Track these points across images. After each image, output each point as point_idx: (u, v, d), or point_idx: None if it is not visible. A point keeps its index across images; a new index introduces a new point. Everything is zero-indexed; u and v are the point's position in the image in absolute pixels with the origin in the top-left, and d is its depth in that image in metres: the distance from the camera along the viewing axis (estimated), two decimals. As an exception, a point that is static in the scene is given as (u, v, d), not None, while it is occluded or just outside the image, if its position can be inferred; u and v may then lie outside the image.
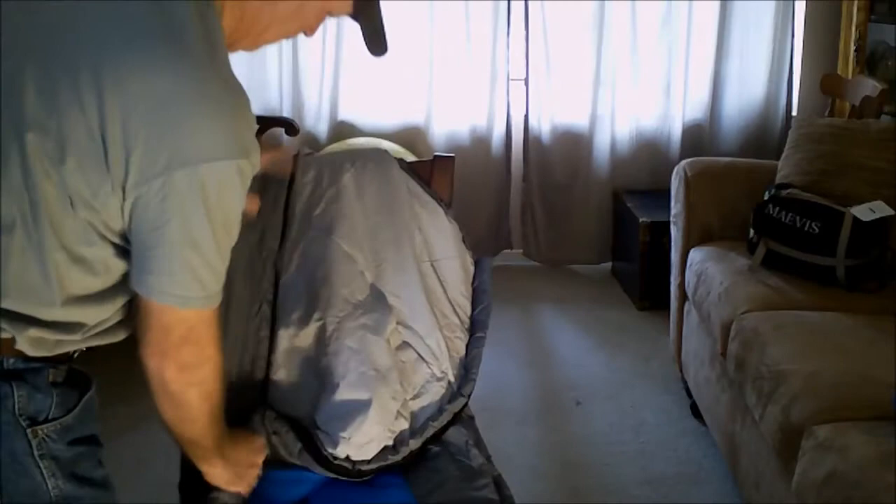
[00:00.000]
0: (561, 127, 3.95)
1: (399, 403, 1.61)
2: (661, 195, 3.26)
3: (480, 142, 3.91)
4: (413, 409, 1.65)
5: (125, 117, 1.03)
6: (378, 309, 1.71)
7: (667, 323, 3.01)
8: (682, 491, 2.44)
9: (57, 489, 1.16)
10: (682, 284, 2.79)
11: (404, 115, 3.90)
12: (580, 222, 4.02)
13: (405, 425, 1.61)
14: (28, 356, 1.13)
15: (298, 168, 1.88)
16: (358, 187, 1.85)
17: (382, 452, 1.55)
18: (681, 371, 2.86)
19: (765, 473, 2.03)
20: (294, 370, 1.64)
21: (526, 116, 3.93)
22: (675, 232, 2.88)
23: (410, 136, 3.88)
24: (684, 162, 2.92)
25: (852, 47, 3.58)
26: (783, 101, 3.97)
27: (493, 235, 4.03)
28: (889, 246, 2.49)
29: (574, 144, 3.96)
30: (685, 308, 2.81)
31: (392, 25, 1.27)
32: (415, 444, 1.58)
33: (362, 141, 3.69)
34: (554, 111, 3.92)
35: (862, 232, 2.39)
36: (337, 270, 1.73)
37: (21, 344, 1.12)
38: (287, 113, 3.85)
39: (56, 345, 1.15)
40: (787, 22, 3.87)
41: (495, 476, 1.57)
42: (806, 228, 2.44)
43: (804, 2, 3.91)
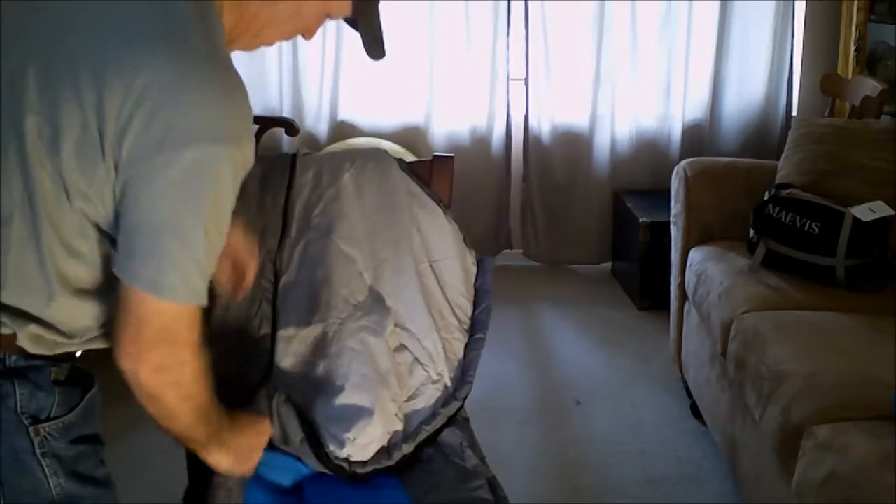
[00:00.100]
0: (561, 127, 3.95)
1: (397, 405, 1.61)
2: (661, 195, 3.26)
3: (480, 142, 3.92)
4: (407, 412, 1.65)
5: (122, 102, 1.03)
6: (377, 310, 1.71)
7: (667, 323, 3.01)
8: (682, 491, 2.44)
9: (59, 487, 1.16)
10: (682, 284, 2.79)
11: (404, 115, 3.90)
12: (580, 222, 4.02)
13: (400, 426, 1.61)
14: (30, 354, 1.13)
15: (298, 168, 1.88)
16: (357, 187, 1.84)
17: (377, 455, 1.55)
18: (681, 371, 2.86)
19: (765, 473, 2.03)
20: (295, 370, 1.64)
21: (526, 116, 3.93)
22: (675, 232, 2.88)
23: (410, 136, 3.88)
24: (684, 162, 2.92)
25: (852, 47, 3.58)
26: (783, 101, 3.97)
27: (493, 235, 4.03)
28: (889, 246, 2.49)
29: (574, 144, 3.97)
30: (685, 308, 2.81)
31: (392, 26, 1.27)
32: (408, 449, 1.58)
33: (362, 141, 3.69)
34: (554, 111, 3.92)
35: (862, 232, 2.39)
36: (336, 271, 1.73)
37: (22, 340, 1.11)
38: (287, 113, 3.85)
39: (57, 345, 1.15)
40: (787, 22, 3.87)
41: (490, 477, 1.57)
42: (806, 228, 2.44)
43: (804, 2, 3.91)
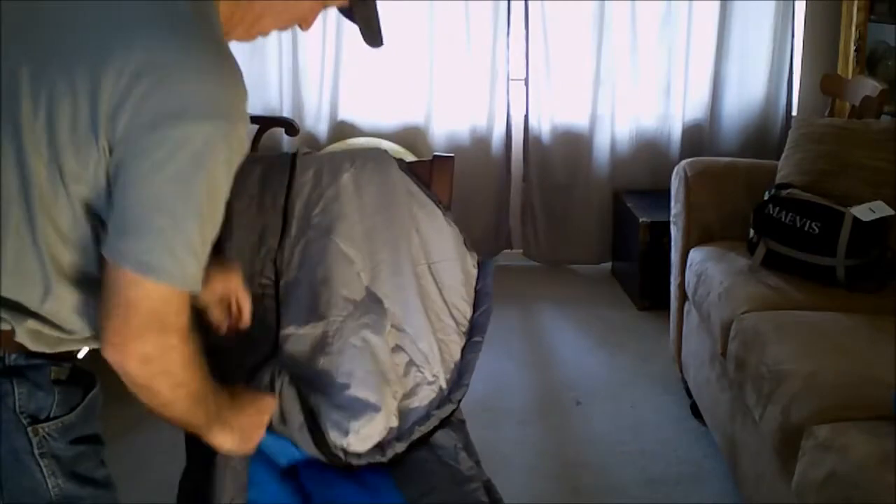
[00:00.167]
0: (561, 127, 3.95)
1: (397, 402, 1.62)
2: (661, 195, 3.26)
3: (480, 142, 3.91)
4: (401, 410, 1.65)
5: (116, 82, 1.02)
6: (375, 310, 1.72)
7: (667, 323, 3.01)
8: (682, 491, 2.44)
9: (57, 488, 1.16)
10: (682, 284, 2.79)
11: (404, 115, 3.90)
12: (580, 222, 4.02)
13: (395, 424, 1.61)
14: (30, 352, 1.12)
15: (298, 167, 1.88)
16: (357, 187, 1.85)
17: (372, 449, 1.55)
18: (681, 371, 2.86)
19: (765, 473, 2.03)
20: (297, 369, 1.64)
21: (526, 116, 3.93)
22: (675, 232, 2.88)
23: (410, 136, 3.88)
24: (684, 162, 2.92)
25: (852, 47, 3.58)
26: (783, 101, 3.97)
27: (493, 235, 4.03)
28: (889, 246, 2.49)
29: (574, 144, 3.96)
30: (685, 308, 2.81)
31: (392, 26, 1.27)
32: (400, 448, 1.58)
33: (362, 141, 3.69)
34: (554, 111, 3.92)
35: (862, 232, 2.39)
36: (336, 271, 1.73)
37: (21, 336, 1.11)
38: (287, 113, 3.85)
39: (58, 342, 1.14)
40: (787, 22, 3.87)
41: (485, 480, 1.57)
42: (806, 228, 2.44)
43: (804, 2, 3.91)
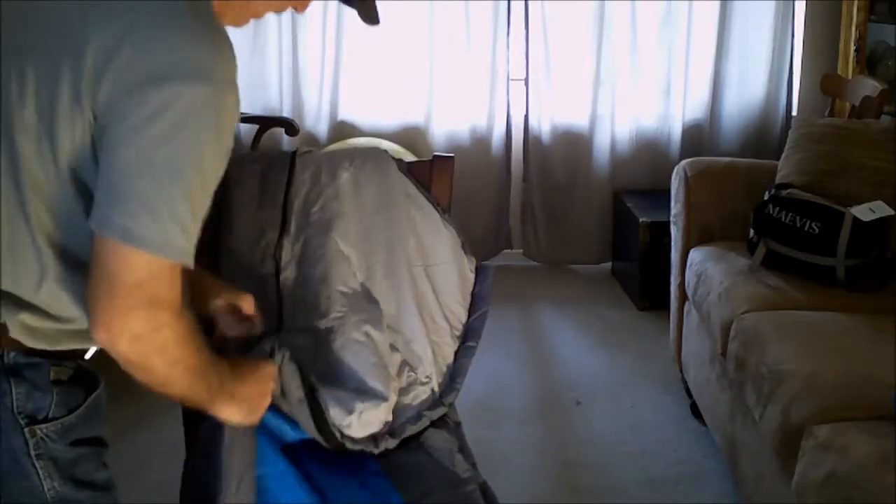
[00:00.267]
0: (561, 127, 3.95)
1: (396, 397, 1.63)
2: (661, 195, 3.26)
3: (480, 142, 3.91)
4: (395, 408, 1.65)
5: (98, 47, 1.00)
6: (372, 307, 1.72)
7: (667, 323, 3.01)
8: (682, 491, 2.44)
9: (53, 490, 1.14)
10: (682, 284, 2.79)
11: (404, 115, 3.90)
12: (580, 222, 4.02)
13: (390, 418, 1.62)
14: (29, 350, 1.10)
15: (297, 165, 1.88)
16: (356, 187, 1.85)
17: (366, 439, 1.55)
18: (681, 371, 2.86)
19: (765, 473, 2.03)
20: (301, 362, 1.64)
21: (526, 116, 3.93)
22: (675, 232, 2.88)
23: (410, 136, 3.88)
24: (684, 162, 2.92)
25: (852, 47, 3.58)
26: (783, 101, 3.97)
27: (493, 235, 4.03)
28: (889, 246, 2.49)
29: (574, 144, 3.96)
30: (685, 308, 2.81)
31: (392, 26, 1.26)
32: (392, 443, 1.59)
33: (362, 141, 3.69)
34: (554, 111, 3.92)
35: (862, 232, 2.39)
36: (334, 268, 1.74)
37: (15, 332, 1.09)
38: (287, 113, 3.85)
39: (57, 337, 1.12)
40: (787, 22, 3.87)
41: (481, 483, 1.58)
42: (806, 228, 2.44)
43: (804, 2, 3.91)
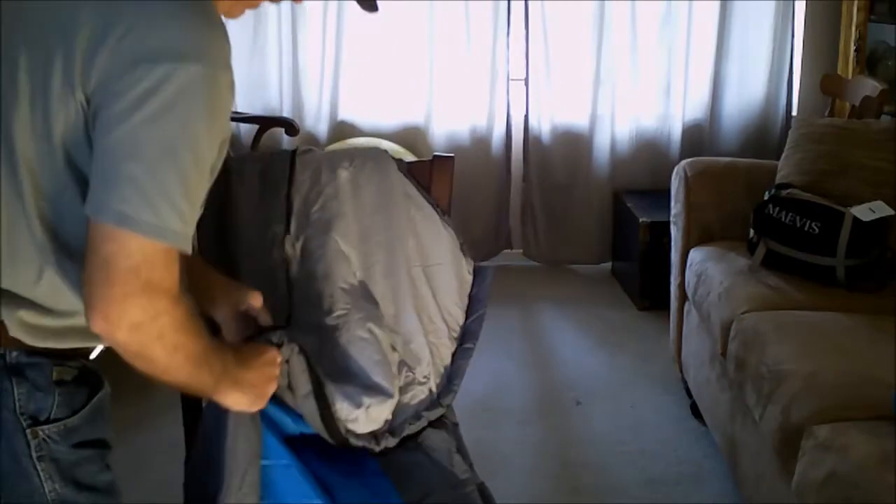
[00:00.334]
0: (561, 127, 3.95)
1: (398, 396, 1.63)
2: (661, 195, 3.26)
3: (480, 142, 3.91)
4: (395, 406, 1.66)
5: (92, 28, 1.00)
6: (369, 308, 1.72)
7: (667, 323, 3.01)
8: (682, 491, 2.44)
9: (54, 493, 1.12)
10: (682, 284, 2.79)
11: (404, 115, 3.90)
12: (580, 222, 4.02)
13: (390, 417, 1.62)
14: (32, 349, 1.09)
15: (297, 164, 1.89)
16: (355, 187, 1.85)
17: (368, 435, 1.56)
18: (681, 371, 2.86)
19: (765, 473, 2.03)
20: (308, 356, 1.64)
21: (526, 116, 3.93)
22: (675, 232, 2.88)
23: (410, 136, 3.88)
24: (684, 162, 2.92)
25: (852, 47, 3.58)
26: (783, 101, 3.97)
27: (493, 235, 4.03)
28: (889, 246, 2.49)
29: (574, 144, 3.96)
30: (685, 308, 2.81)
31: (392, 26, 1.26)
32: (392, 442, 1.59)
33: (362, 141, 3.69)
34: (554, 111, 3.92)
35: (862, 232, 2.39)
36: (335, 267, 1.74)
37: (14, 330, 1.08)
38: (287, 113, 3.85)
39: (61, 333, 1.10)
40: (787, 22, 3.87)
41: (479, 484, 1.58)
42: (806, 228, 2.44)
43: (804, 2, 3.91)
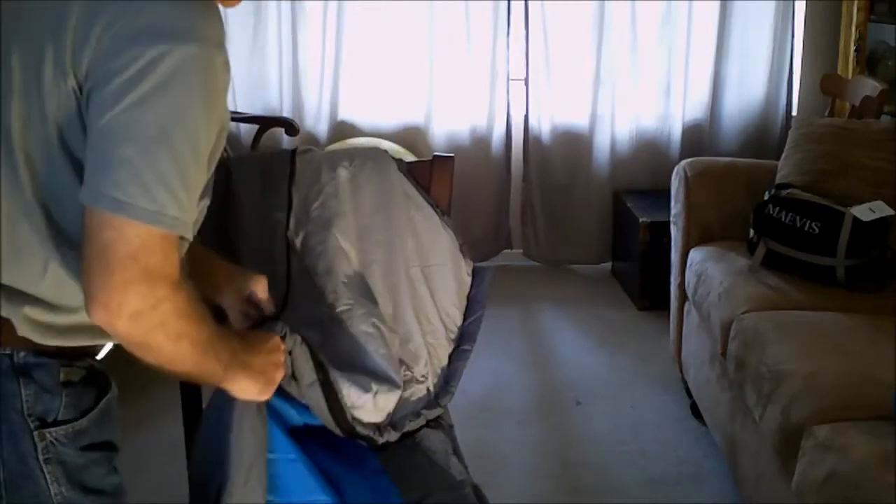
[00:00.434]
0: (561, 127, 3.95)
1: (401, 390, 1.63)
2: (661, 195, 3.26)
3: (480, 142, 3.92)
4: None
5: (78, 17, 0.99)
6: (369, 305, 1.72)
7: (667, 323, 3.01)
8: (682, 491, 2.44)
9: (59, 496, 1.11)
10: (682, 284, 2.79)
11: (404, 115, 3.90)
12: (580, 222, 4.02)
13: (392, 409, 1.62)
14: (39, 350, 1.08)
15: (297, 163, 1.89)
16: (355, 186, 1.85)
17: (371, 425, 1.56)
18: (681, 371, 2.86)
19: (765, 473, 2.03)
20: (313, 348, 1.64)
21: (526, 116, 3.93)
22: (675, 232, 2.88)
23: (410, 136, 3.88)
24: (684, 162, 2.92)
25: (852, 47, 3.58)
26: (783, 101, 3.97)
27: (493, 235, 4.03)
28: (889, 246, 2.49)
29: (574, 144, 3.97)
30: (685, 308, 2.81)
31: (392, 26, 1.25)
32: (394, 436, 1.59)
33: (362, 141, 3.69)
34: (554, 111, 3.92)
35: (862, 232, 2.39)
36: (337, 263, 1.74)
37: (22, 329, 1.07)
38: (287, 113, 3.85)
39: (69, 332, 1.09)
40: (787, 22, 3.87)
41: (473, 485, 1.59)
42: (806, 228, 2.44)
43: (804, 2, 3.91)
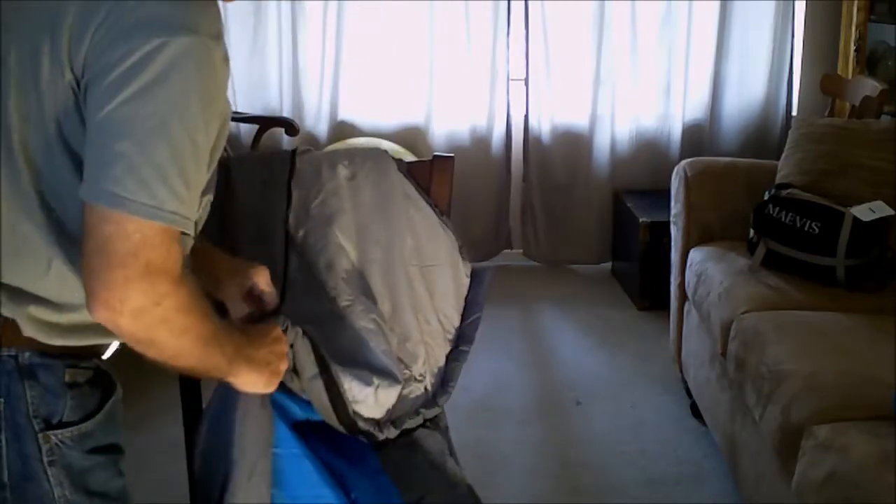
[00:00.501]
0: (561, 127, 3.95)
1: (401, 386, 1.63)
2: (661, 195, 3.26)
3: (480, 142, 3.92)
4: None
5: (75, 14, 0.99)
6: (368, 303, 1.73)
7: (667, 323, 3.01)
8: (682, 491, 2.44)
9: (63, 499, 1.10)
10: (682, 284, 2.79)
11: (404, 115, 3.90)
12: (580, 222, 4.02)
13: (392, 406, 1.62)
14: (44, 350, 1.07)
15: (297, 163, 1.89)
16: (354, 185, 1.85)
17: (371, 420, 1.56)
18: (681, 371, 2.86)
19: (765, 473, 2.03)
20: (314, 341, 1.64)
21: (526, 116, 3.93)
22: (675, 232, 2.88)
23: (410, 136, 3.88)
24: (684, 162, 2.92)
25: (852, 47, 3.58)
26: (783, 101, 3.97)
27: (493, 235, 4.03)
28: (889, 246, 2.49)
29: (574, 144, 3.97)
30: (685, 308, 2.81)
31: (392, 26, 1.25)
32: (393, 433, 1.59)
33: (362, 141, 3.69)
34: (554, 111, 3.92)
35: (862, 232, 2.39)
36: (337, 260, 1.74)
37: (27, 329, 1.06)
38: (287, 113, 3.85)
39: (75, 331, 1.09)
40: (787, 22, 3.87)
41: (468, 485, 1.60)
42: (806, 228, 2.44)
43: (804, 2, 3.91)
